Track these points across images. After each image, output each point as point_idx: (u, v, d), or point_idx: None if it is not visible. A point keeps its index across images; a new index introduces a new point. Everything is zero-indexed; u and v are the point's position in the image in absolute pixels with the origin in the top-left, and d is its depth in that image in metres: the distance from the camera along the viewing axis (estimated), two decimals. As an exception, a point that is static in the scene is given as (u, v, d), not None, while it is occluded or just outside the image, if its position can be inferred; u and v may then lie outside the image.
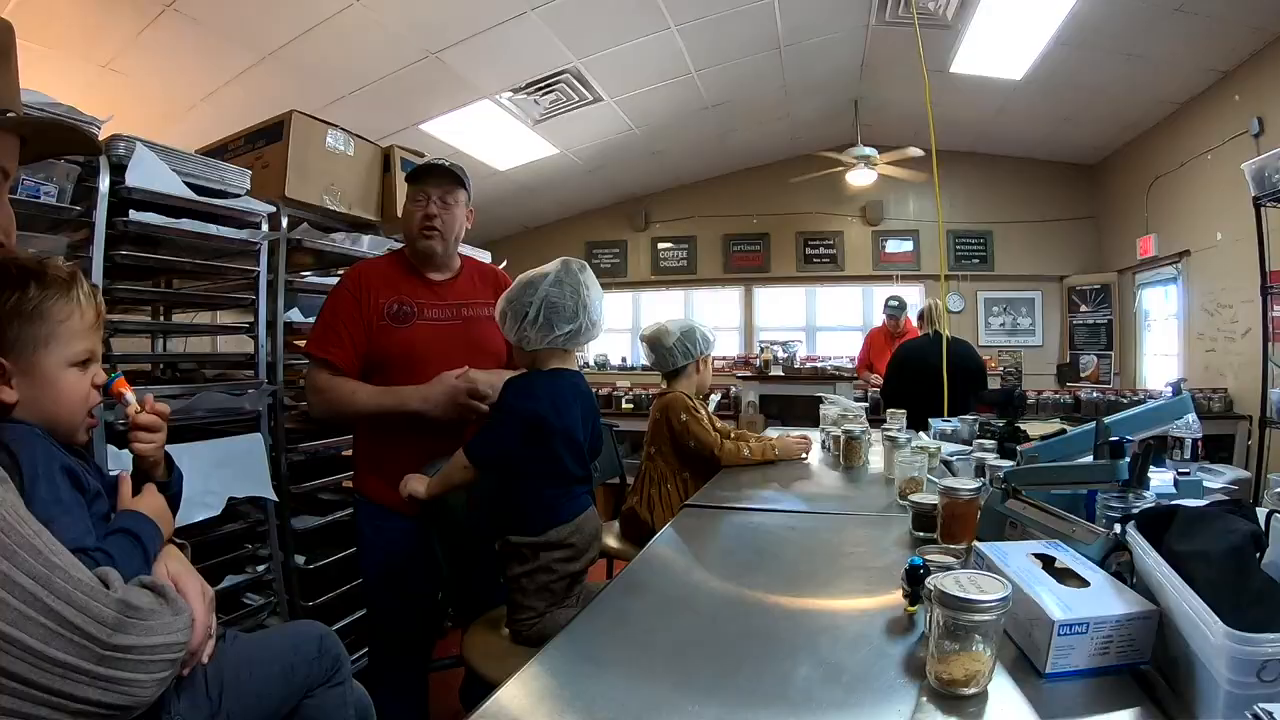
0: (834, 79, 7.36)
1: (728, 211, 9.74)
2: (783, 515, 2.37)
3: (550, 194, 9.00)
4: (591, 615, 1.48)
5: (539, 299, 2.14)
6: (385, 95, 5.70)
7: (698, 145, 8.54)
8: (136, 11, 4.23)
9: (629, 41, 5.70)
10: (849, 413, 3.77)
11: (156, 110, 5.21)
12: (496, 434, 2.16)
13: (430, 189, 2.57)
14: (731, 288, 10.00)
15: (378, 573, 2.66)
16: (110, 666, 0.95)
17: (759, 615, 1.51)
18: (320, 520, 3.44)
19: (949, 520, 1.84)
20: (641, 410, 7.60)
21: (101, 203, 2.58)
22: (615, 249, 10.19)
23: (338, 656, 1.63)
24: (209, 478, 2.84)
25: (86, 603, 0.95)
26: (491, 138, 6.95)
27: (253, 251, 3.19)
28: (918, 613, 1.34)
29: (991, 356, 8.54)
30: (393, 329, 2.53)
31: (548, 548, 2.13)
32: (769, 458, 3.22)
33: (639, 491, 3.30)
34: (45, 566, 0.92)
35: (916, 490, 2.32)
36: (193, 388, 3.01)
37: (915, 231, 9.37)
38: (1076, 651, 1.10)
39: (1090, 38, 5.77)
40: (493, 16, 4.99)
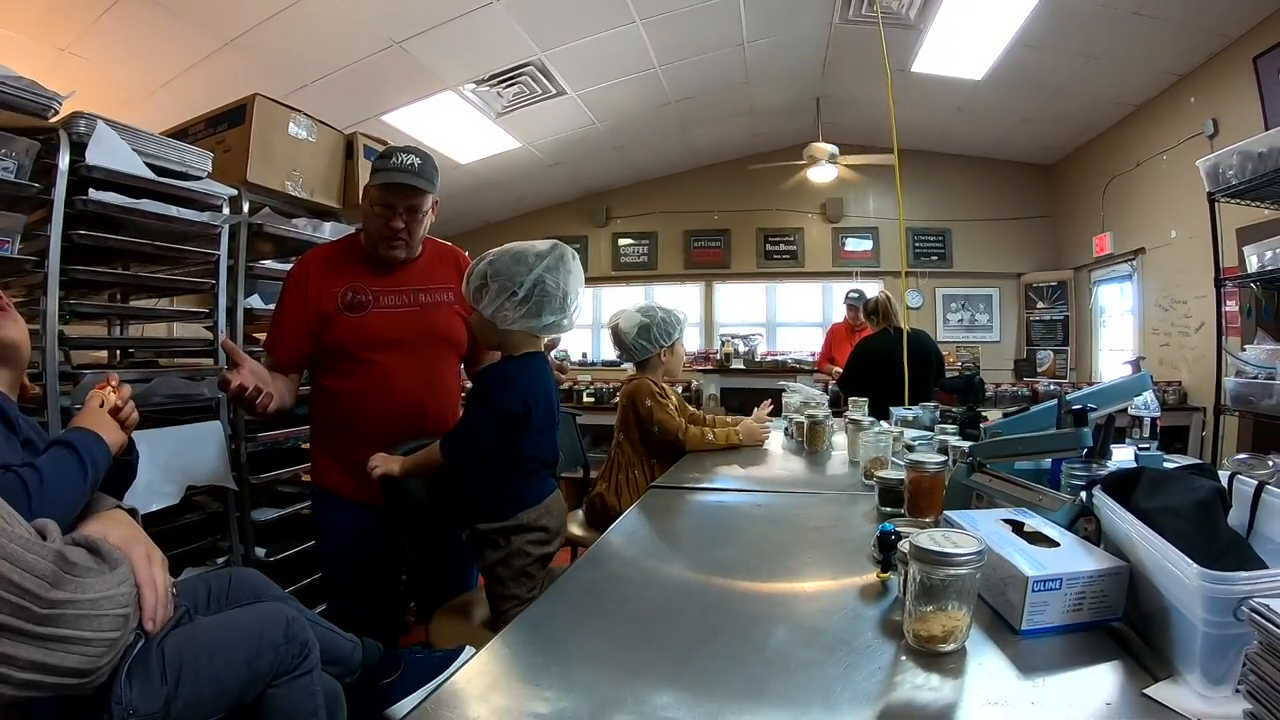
0: (796, 76, 7.40)
1: (689, 207, 9.75)
2: (749, 495, 2.38)
3: (512, 188, 8.95)
4: (559, 588, 1.46)
5: (532, 279, 2.08)
6: (348, 84, 5.63)
7: (660, 140, 8.53)
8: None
9: (594, 35, 5.68)
10: (811, 401, 3.79)
11: (117, 95, 5.10)
12: (475, 432, 2.13)
13: (398, 201, 2.45)
14: (692, 283, 10.00)
15: (338, 564, 2.63)
16: (51, 625, 0.92)
17: (729, 587, 1.51)
18: (281, 512, 3.42)
19: (916, 494, 1.85)
20: (603, 404, 7.61)
21: (60, 180, 2.54)
22: (576, 244, 9.95)
23: (305, 642, 1.57)
24: (167, 466, 2.81)
25: (22, 556, 0.91)
26: (454, 130, 6.89)
27: (213, 235, 3.15)
28: (890, 579, 1.36)
29: (950, 352, 8.66)
30: (347, 318, 2.47)
31: (518, 531, 2.11)
32: (733, 442, 3.24)
33: (607, 478, 3.30)
34: None
35: (881, 469, 2.34)
36: (150, 373, 2.97)
37: (875, 229, 9.45)
38: (1051, 608, 1.13)
39: (1050, 39, 5.86)
40: (458, 6, 4.95)
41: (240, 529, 3.28)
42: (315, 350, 2.50)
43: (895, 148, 4.48)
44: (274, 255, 3.83)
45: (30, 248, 2.58)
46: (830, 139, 7.75)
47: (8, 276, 2.73)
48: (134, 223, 2.81)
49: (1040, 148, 8.56)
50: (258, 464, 3.39)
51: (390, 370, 2.47)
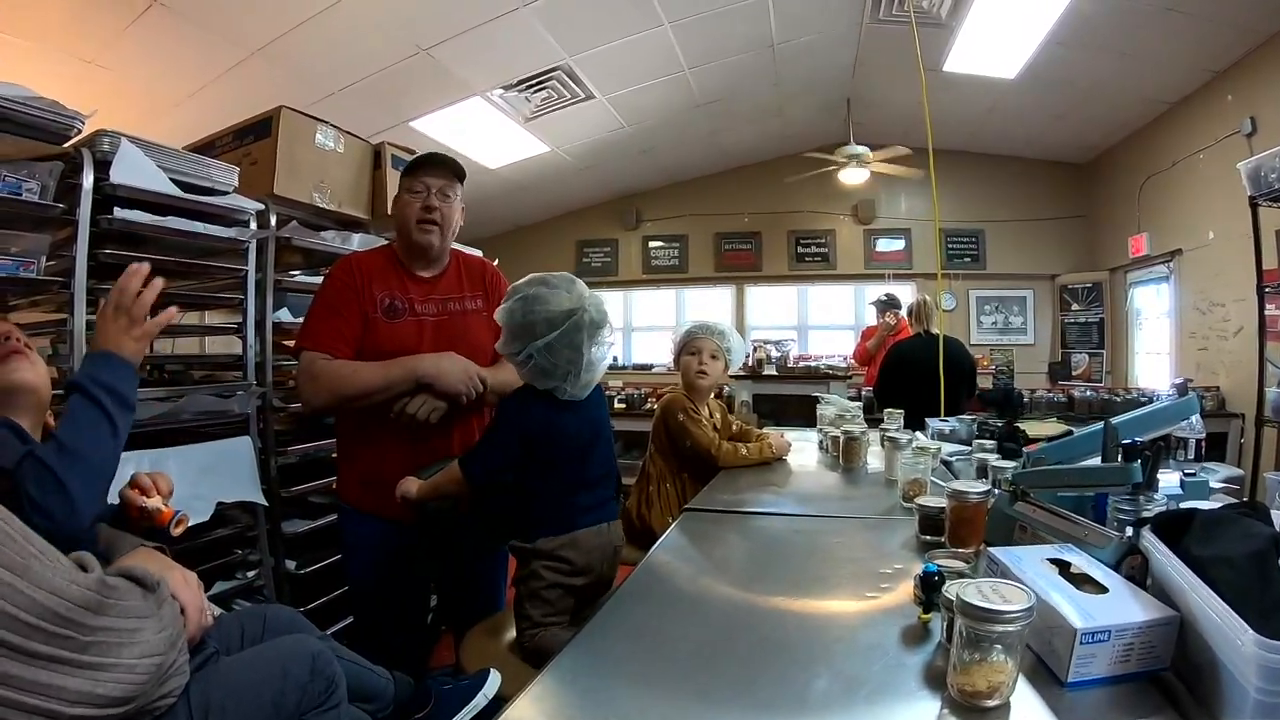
0: (827, 77, 7.32)
1: (719, 210, 9.68)
2: (785, 519, 2.33)
3: (541, 192, 8.94)
4: (600, 625, 1.44)
5: (530, 350, 2.04)
6: (375, 92, 5.65)
7: (689, 143, 8.48)
8: (123, 6, 4.17)
9: (621, 39, 5.65)
10: (846, 413, 3.73)
11: (142, 106, 5.14)
12: (493, 452, 2.11)
13: (429, 180, 2.50)
14: (723, 286, 9.94)
15: (363, 580, 2.61)
16: (95, 654, 0.92)
17: (771, 623, 1.47)
18: (310, 524, 3.41)
19: (957, 524, 1.79)
20: (634, 410, 7.58)
21: (85, 200, 2.53)
22: (606, 247, 10.13)
23: (331, 678, 1.55)
24: (197, 482, 2.80)
25: (66, 588, 0.91)
26: (482, 135, 6.90)
27: (241, 250, 3.14)
28: (932, 620, 1.32)
29: (984, 355, 8.54)
30: (384, 323, 2.46)
31: (536, 555, 2.08)
32: (766, 457, 3.18)
33: (638, 491, 3.28)
34: (21, 556, 0.89)
35: (920, 492, 2.28)
36: (181, 390, 2.97)
37: (907, 230, 9.32)
38: (1098, 660, 1.08)
39: (1083, 37, 5.75)
40: (484, 12, 4.94)
41: (270, 542, 3.27)
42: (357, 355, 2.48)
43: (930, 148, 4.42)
44: (302, 266, 3.83)
45: (55, 267, 2.58)
46: (861, 140, 7.66)
47: (35, 296, 2.74)
48: (160, 239, 2.80)
49: (1074, 146, 8.41)
50: (288, 476, 3.38)
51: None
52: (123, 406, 1.30)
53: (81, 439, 1.27)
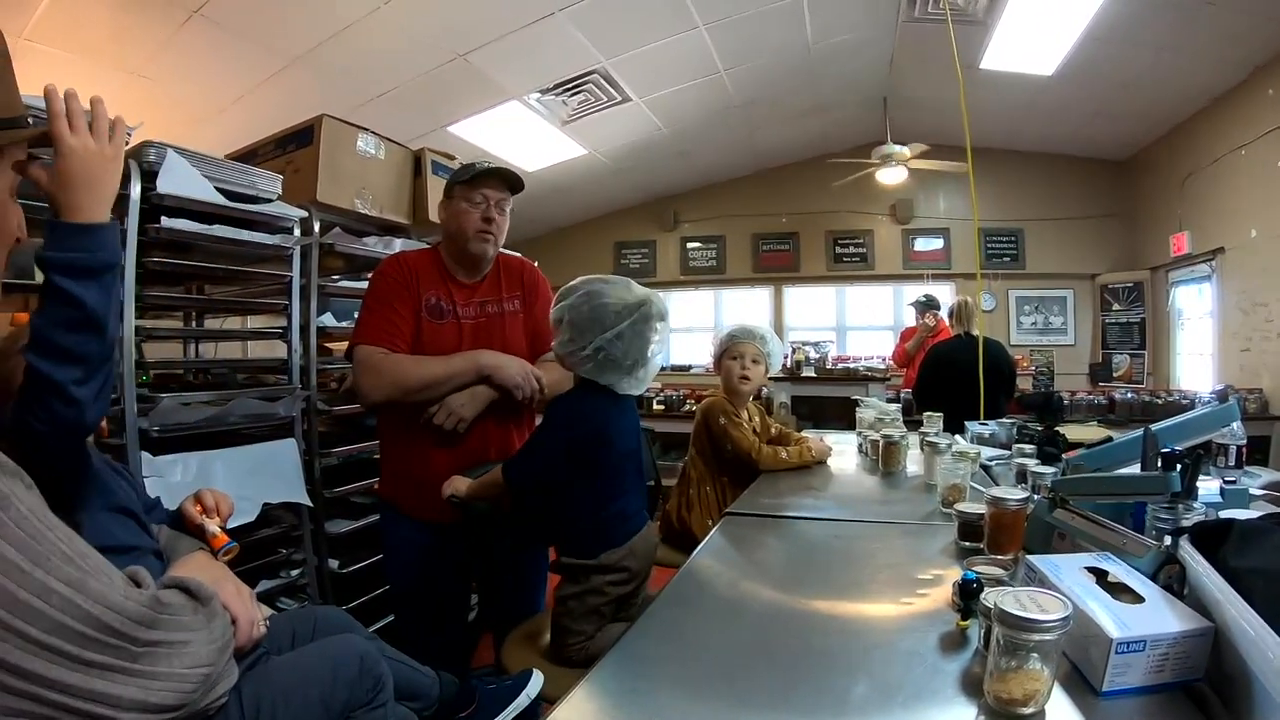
0: (863, 76, 7.30)
1: (756, 210, 9.67)
2: (825, 524, 2.32)
3: (579, 194, 8.99)
4: (642, 630, 1.46)
5: (598, 343, 2.02)
6: (413, 97, 5.71)
7: (726, 144, 8.49)
8: (164, 17, 4.26)
9: (657, 41, 5.66)
10: (886, 416, 3.72)
11: (186, 115, 5.24)
12: (536, 458, 2.12)
13: (489, 192, 2.51)
14: (761, 287, 9.93)
15: (404, 579, 2.64)
16: (148, 663, 0.95)
17: (810, 628, 1.48)
18: (353, 524, 3.46)
19: (996, 530, 1.80)
20: (672, 411, 7.58)
21: (133, 210, 2.59)
22: (644, 249, 10.17)
23: (379, 677, 1.57)
24: (243, 484, 2.85)
25: (121, 603, 0.94)
26: (520, 139, 6.95)
27: (285, 256, 3.20)
28: (970, 627, 1.32)
29: (1023, 356, 8.44)
30: (429, 323, 2.49)
31: (600, 570, 2.07)
32: (806, 460, 3.18)
33: (679, 493, 3.30)
34: (79, 571, 0.92)
35: (959, 497, 2.28)
36: (227, 394, 3.02)
37: (946, 230, 9.25)
38: (1133, 669, 1.08)
39: (1121, 32, 5.67)
40: (521, 18, 4.98)
41: (314, 541, 3.33)
42: None
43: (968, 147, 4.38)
44: (343, 271, 3.89)
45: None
46: (898, 138, 7.59)
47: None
48: (206, 246, 2.86)
49: (1113, 143, 8.29)
50: (331, 477, 3.44)
51: None
52: (82, 276, 1.18)
53: (53, 332, 1.19)
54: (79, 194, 1.15)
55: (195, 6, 4.19)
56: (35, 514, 0.91)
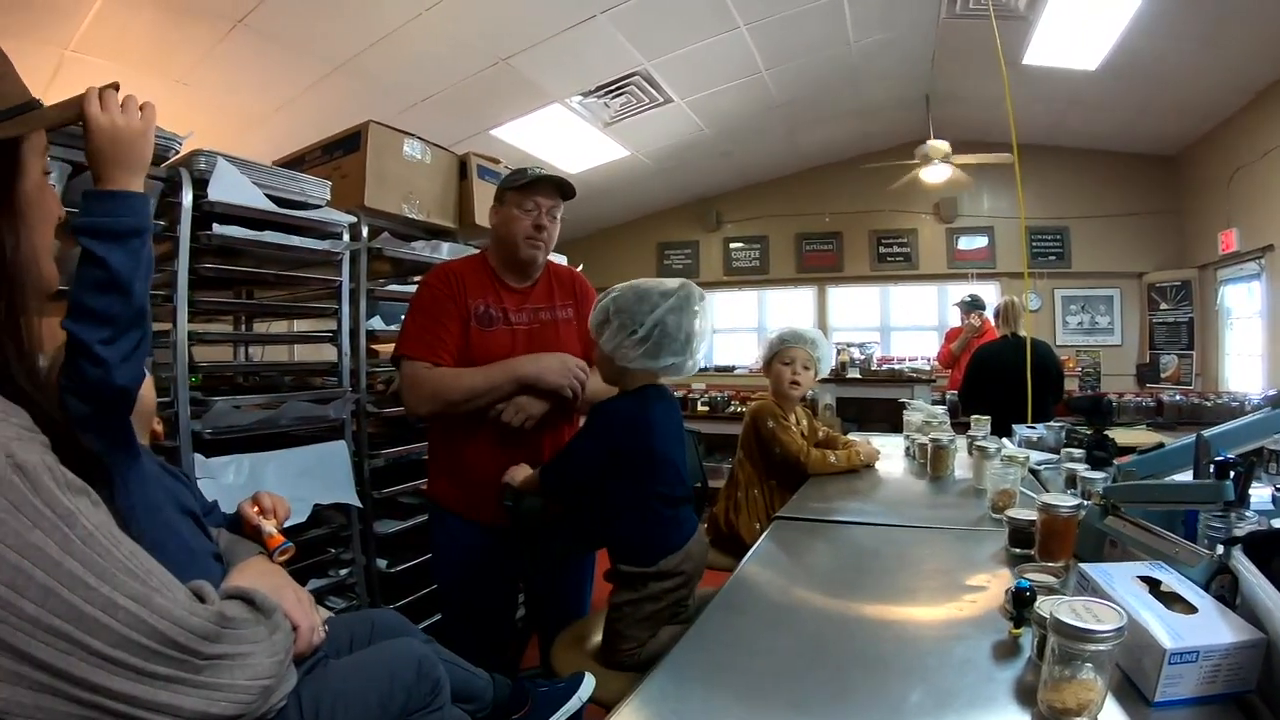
0: (904, 74, 7.21)
1: (800, 210, 9.57)
2: (875, 529, 2.31)
3: (622, 196, 8.99)
4: (696, 636, 1.47)
5: (654, 320, 2.04)
6: (456, 102, 5.75)
7: (768, 144, 8.44)
8: (208, 27, 4.33)
9: (698, 42, 5.64)
10: (933, 419, 3.69)
11: (230, 123, 5.32)
12: (572, 464, 2.14)
13: (541, 200, 2.53)
14: (805, 287, 9.84)
15: (452, 580, 2.66)
16: (210, 675, 0.96)
17: (863, 634, 1.49)
18: (401, 525, 3.50)
19: (1047, 537, 1.79)
20: (717, 413, 7.57)
21: (185, 217, 2.65)
22: (687, 249, 10.13)
23: (437, 680, 1.58)
24: (295, 485, 2.89)
25: (186, 618, 0.95)
26: (563, 141, 6.97)
27: (334, 261, 3.25)
28: (1022, 635, 1.32)
29: (1070, 356, 8.26)
30: (479, 331, 2.49)
31: (659, 577, 2.07)
32: (854, 464, 3.17)
33: (727, 497, 3.29)
34: (145, 586, 0.93)
35: (1009, 502, 2.27)
36: (279, 397, 3.07)
37: (990, 228, 9.08)
38: (1185, 680, 1.08)
39: (1165, 25, 5.53)
40: (562, 21, 4.99)
41: (363, 541, 3.38)
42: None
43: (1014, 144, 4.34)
44: (390, 275, 3.94)
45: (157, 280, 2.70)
46: (941, 136, 7.48)
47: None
48: (257, 252, 2.92)
49: (1159, 139, 8.07)
50: (380, 478, 3.48)
51: None
52: (106, 238, 1.20)
53: (80, 293, 1.22)
54: (109, 167, 1.20)
55: (239, 16, 4.26)
56: (101, 530, 0.93)
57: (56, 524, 0.88)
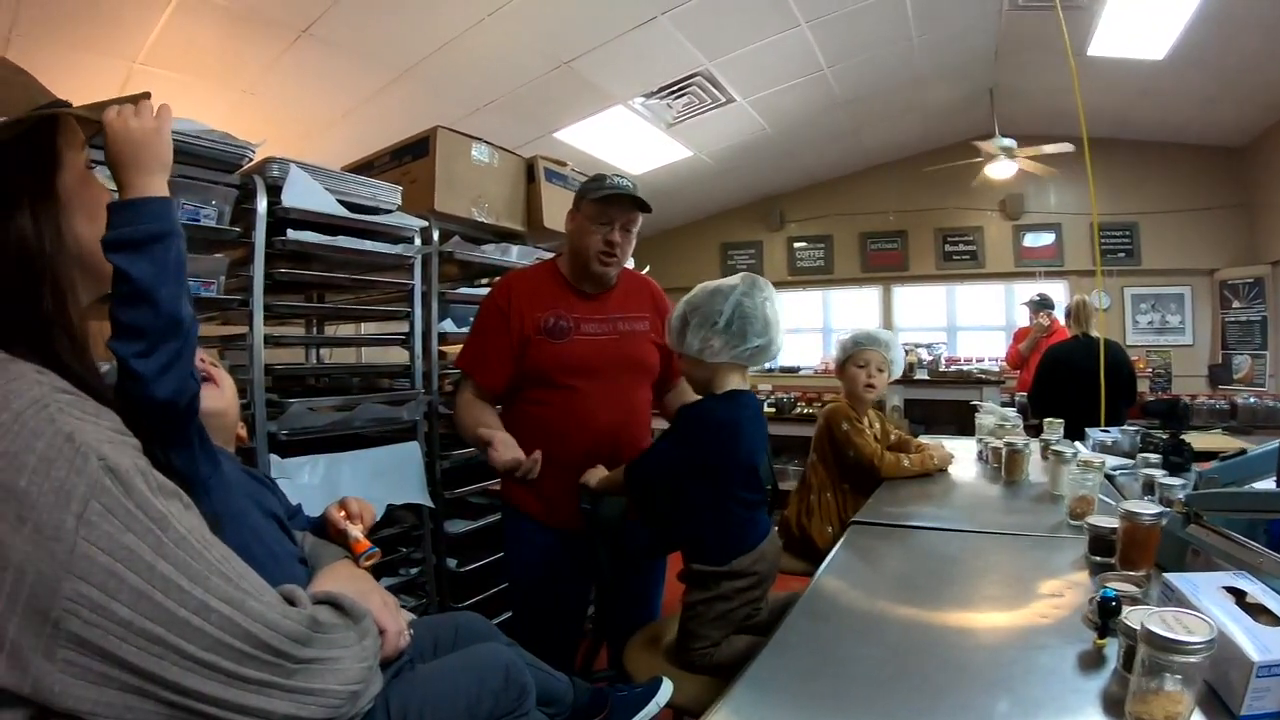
0: (968, 68, 7.08)
1: (864, 209, 9.45)
2: (953, 535, 2.29)
3: (685, 196, 8.97)
4: (779, 644, 1.46)
5: (731, 306, 2.06)
6: (519, 106, 5.79)
7: (831, 142, 8.37)
8: (272, 38, 4.42)
9: (760, 41, 5.61)
10: (1006, 422, 3.64)
11: (297, 130, 5.42)
12: (657, 465, 2.14)
13: (616, 215, 2.49)
14: (870, 287, 9.71)
15: (524, 580, 2.67)
16: (301, 679, 0.97)
17: (946, 643, 1.48)
18: (471, 525, 3.54)
19: (1129, 545, 1.75)
20: (783, 414, 7.53)
21: (260, 223, 2.71)
22: (751, 250, 10.09)
23: (524, 685, 1.59)
24: (369, 486, 2.93)
25: (279, 621, 0.97)
26: (625, 143, 6.99)
27: (406, 264, 3.30)
28: (1107, 646, 1.31)
29: (1140, 357, 7.96)
30: (549, 344, 2.49)
31: (730, 577, 2.07)
32: (928, 469, 3.13)
33: (800, 500, 3.27)
34: (237, 590, 0.94)
35: (1088, 509, 2.22)
36: (352, 399, 3.13)
37: (1057, 225, 8.83)
38: (1272, 693, 1.07)
39: (1233, 11, 5.35)
40: (623, 23, 5.00)
41: (433, 541, 3.42)
42: (516, 374, 2.53)
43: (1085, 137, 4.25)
44: (459, 277, 3.99)
45: (232, 285, 2.79)
46: (1006, 131, 7.36)
47: (211, 312, 2.94)
48: (329, 256, 2.97)
49: (1230, 129, 7.77)
50: (450, 479, 3.52)
51: (588, 396, 2.49)
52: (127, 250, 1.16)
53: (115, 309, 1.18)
54: (126, 172, 1.18)
55: (303, 26, 4.34)
56: (194, 534, 0.94)
57: (150, 527, 0.89)
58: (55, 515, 0.83)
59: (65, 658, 0.83)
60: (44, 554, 0.82)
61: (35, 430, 0.87)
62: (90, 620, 0.83)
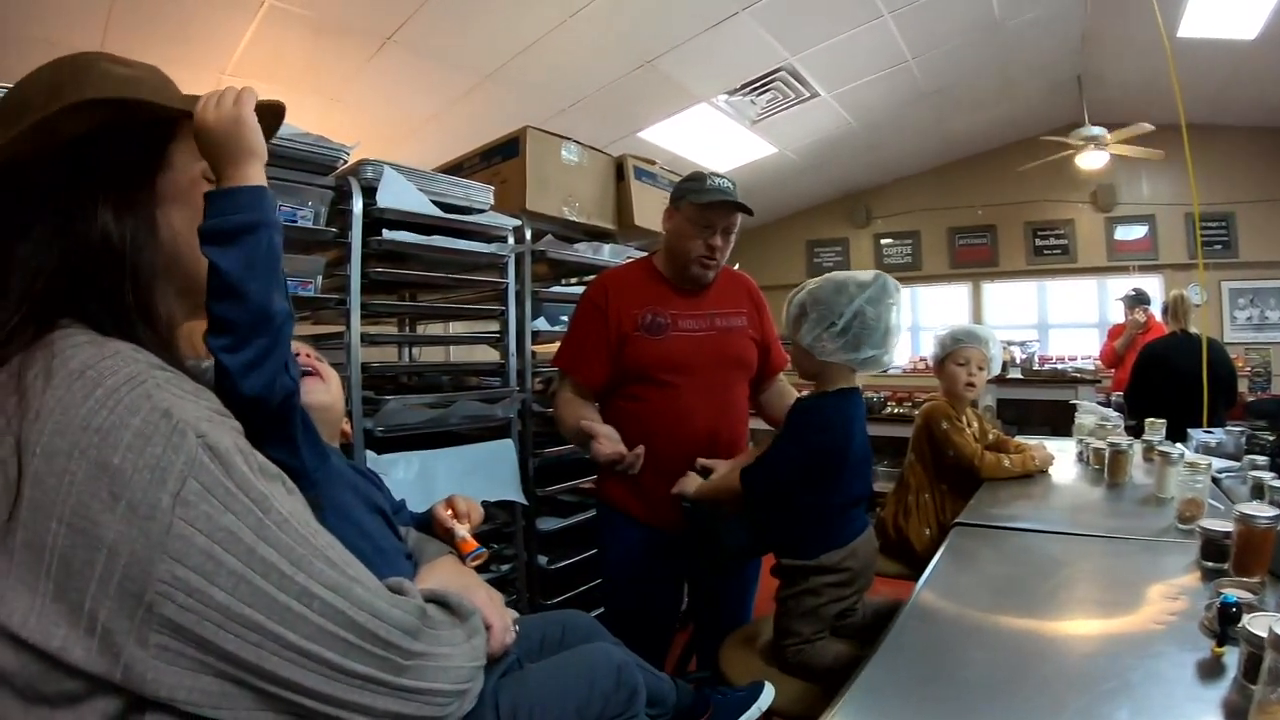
0: (1054, 55, 6.87)
1: (951, 203, 9.26)
2: (1057, 537, 2.22)
3: (770, 193, 8.89)
4: (890, 651, 1.44)
5: (852, 311, 2.00)
6: (604, 106, 5.82)
7: (917, 135, 8.22)
8: (358, 45, 4.52)
9: (842, 34, 5.54)
10: (1107, 422, 3.53)
11: (384, 134, 5.53)
12: (780, 469, 2.10)
13: (717, 220, 2.48)
14: (958, 284, 9.51)
15: (619, 578, 2.67)
16: (408, 677, 0.93)
17: (1061, 649, 1.44)
18: (563, 522, 3.55)
19: (1243, 550, 1.68)
20: (874, 414, 7.41)
21: (356, 224, 2.76)
22: (837, 247, 9.98)
23: (634, 688, 1.57)
24: (462, 482, 2.96)
25: (388, 612, 0.93)
26: (710, 141, 6.95)
27: (499, 264, 3.34)
28: (1226, 654, 1.27)
29: (1238, 355, 7.54)
30: (647, 340, 2.49)
31: (819, 571, 2.05)
32: (1029, 470, 3.04)
33: (896, 500, 3.22)
34: (344, 577, 0.91)
35: (1197, 513, 2.13)
36: (446, 397, 3.17)
37: (1150, 216, 8.44)
38: None
39: None
40: (704, 20, 4.98)
41: (525, 538, 3.45)
42: (614, 371, 2.53)
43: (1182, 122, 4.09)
44: (550, 277, 4.02)
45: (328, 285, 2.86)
46: (1096, 119, 7.09)
47: (308, 311, 3.00)
48: (423, 256, 3.02)
49: None
50: (542, 476, 3.54)
51: (686, 393, 2.48)
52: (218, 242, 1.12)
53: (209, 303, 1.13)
54: (219, 164, 1.14)
55: (388, 33, 4.42)
56: (296, 517, 0.91)
57: (250, 508, 0.86)
58: (150, 493, 0.80)
59: (159, 643, 0.80)
60: (138, 534, 0.79)
61: (131, 406, 0.83)
62: (185, 605, 0.80)
